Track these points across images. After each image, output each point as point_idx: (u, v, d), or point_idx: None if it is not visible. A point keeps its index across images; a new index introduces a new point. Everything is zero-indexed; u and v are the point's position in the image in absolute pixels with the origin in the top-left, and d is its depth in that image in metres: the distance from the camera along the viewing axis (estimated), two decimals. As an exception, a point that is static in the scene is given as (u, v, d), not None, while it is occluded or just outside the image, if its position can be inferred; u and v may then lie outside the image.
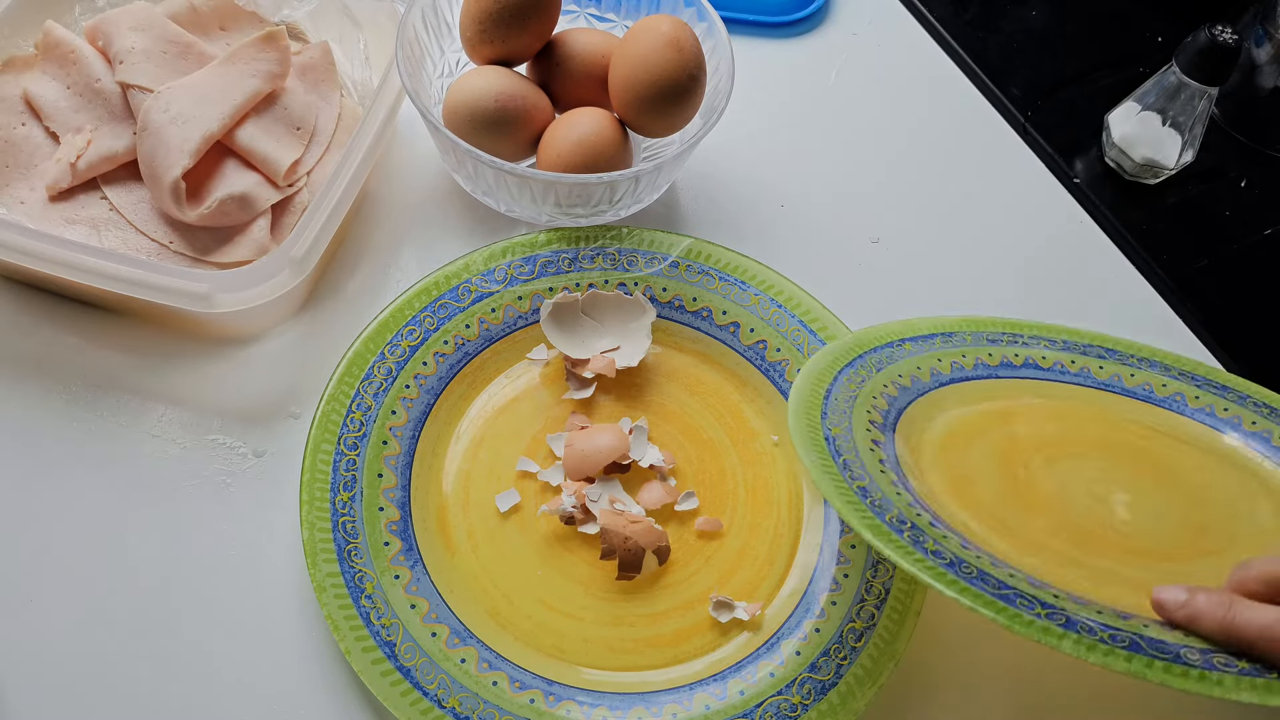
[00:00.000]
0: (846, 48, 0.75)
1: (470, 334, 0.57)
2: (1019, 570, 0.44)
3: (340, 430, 0.53)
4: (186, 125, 0.56)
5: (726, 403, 0.57)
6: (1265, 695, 0.39)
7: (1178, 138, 0.66)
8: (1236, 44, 0.61)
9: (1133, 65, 0.73)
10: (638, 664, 0.50)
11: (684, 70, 0.58)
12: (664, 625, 0.51)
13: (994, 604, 0.40)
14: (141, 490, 0.53)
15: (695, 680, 0.49)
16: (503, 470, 0.54)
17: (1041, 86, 0.74)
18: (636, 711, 0.48)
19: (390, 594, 0.49)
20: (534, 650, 0.50)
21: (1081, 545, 0.49)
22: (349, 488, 0.51)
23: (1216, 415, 0.58)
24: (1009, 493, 0.52)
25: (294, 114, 0.60)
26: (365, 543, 0.50)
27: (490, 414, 0.56)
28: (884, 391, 0.55)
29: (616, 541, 0.51)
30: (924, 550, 0.42)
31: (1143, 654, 0.39)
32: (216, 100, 0.58)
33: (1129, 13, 0.78)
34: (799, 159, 0.68)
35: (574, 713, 0.48)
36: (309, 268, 0.53)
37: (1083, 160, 0.70)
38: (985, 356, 0.59)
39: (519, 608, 0.51)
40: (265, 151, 0.58)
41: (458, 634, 0.49)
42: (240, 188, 0.57)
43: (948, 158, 0.70)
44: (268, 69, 0.60)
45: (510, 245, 0.59)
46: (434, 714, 0.47)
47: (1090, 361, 0.60)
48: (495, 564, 0.52)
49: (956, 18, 0.77)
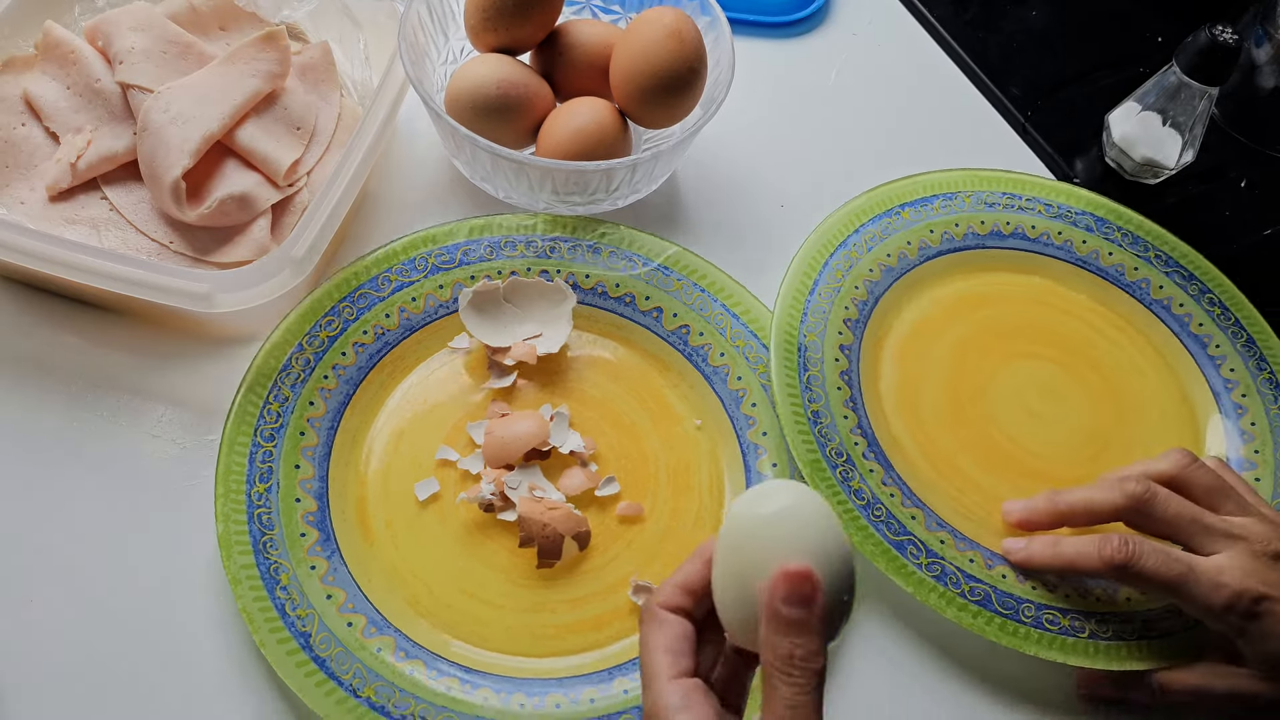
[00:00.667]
0: (847, 48, 0.75)
1: (390, 323, 0.57)
2: (924, 505, 0.53)
3: (257, 422, 0.53)
4: (186, 125, 0.56)
5: (649, 387, 0.57)
6: (1067, 655, 0.49)
7: (1178, 138, 0.66)
8: (1237, 44, 0.61)
9: (1133, 65, 0.73)
10: (560, 649, 0.50)
11: (685, 62, 0.58)
12: (585, 610, 0.51)
13: (887, 554, 0.51)
14: (142, 491, 0.53)
15: (614, 665, 0.50)
16: (423, 459, 0.54)
17: (1042, 86, 0.74)
18: (554, 698, 0.48)
19: (306, 584, 0.49)
20: (455, 638, 0.50)
21: (986, 466, 0.56)
22: (265, 479, 0.51)
23: (1171, 310, 0.62)
24: (946, 403, 0.58)
25: (294, 114, 0.60)
26: (281, 534, 0.50)
27: (411, 403, 0.56)
28: (867, 278, 0.60)
29: (535, 529, 0.51)
30: (848, 489, 0.52)
31: (989, 609, 0.50)
32: (216, 100, 0.58)
33: (1129, 13, 0.78)
34: (799, 159, 0.68)
35: (490, 700, 0.48)
36: (309, 268, 0.53)
37: (1083, 160, 0.70)
38: (977, 225, 0.63)
39: (439, 597, 0.51)
40: (265, 151, 0.58)
41: (375, 623, 0.49)
42: (240, 188, 0.57)
43: (948, 158, 0.70)
44: (267, 69, 0.60)
45: (430, 234, 0.59)
46: (349, 704, 0.47)
47: (1075, 234, 0.64)
48: (414, 553, 0.52)
49: (956, 18, 0.77)
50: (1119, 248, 0.63)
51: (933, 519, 0.52)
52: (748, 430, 0.55)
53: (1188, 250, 0.63)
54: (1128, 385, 0.60)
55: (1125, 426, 0.58)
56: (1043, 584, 0.51)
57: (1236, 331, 0.61)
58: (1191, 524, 0.48)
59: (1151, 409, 0.59)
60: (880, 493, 0.52)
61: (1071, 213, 0.64)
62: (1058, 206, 0.64)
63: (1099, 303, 0.62)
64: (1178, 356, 0.60)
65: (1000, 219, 0.64)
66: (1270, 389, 0.59)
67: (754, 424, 0.55)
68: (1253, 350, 0.60)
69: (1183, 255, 0.63)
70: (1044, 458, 0.57)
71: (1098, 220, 0.64)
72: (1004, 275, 0.63)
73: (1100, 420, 0.58)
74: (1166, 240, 0.64)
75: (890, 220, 0.62)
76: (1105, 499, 0.49)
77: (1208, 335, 0.61)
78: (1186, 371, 0.60)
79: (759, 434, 0.55)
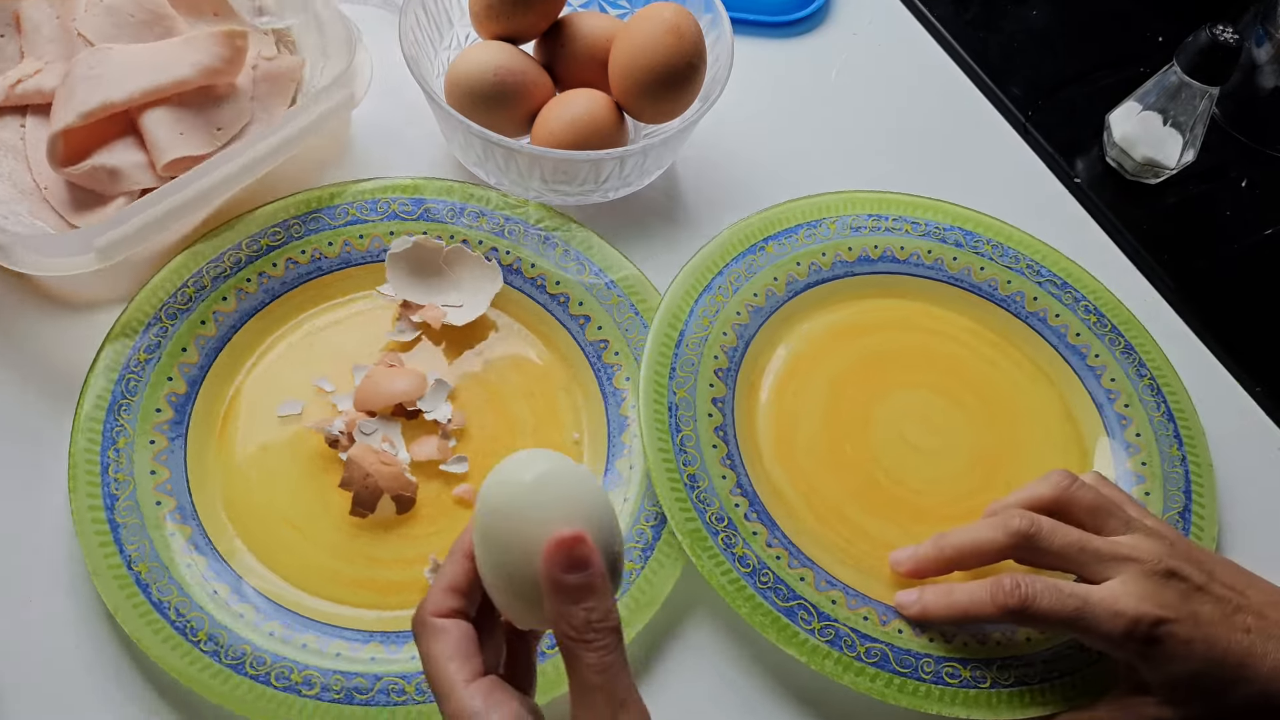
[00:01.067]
0: (847, 47, 0.75)
1: (331, 251, 0.58)
2: (812, 563, 0.51)
3: (169, 298, 0.55)
4: (95, 87, 0.57)
5: (547, 388, 0.57)
6: (970, 709, 0.47)
7: (1178, 137, 0.66)
8: (1237, 44, 0.61)
9: (1133, 65, 0.73)
10: (349, 600, 0.50)
11: (683, 57, 0.58)
12: (379, 572, 0.51)
13: (777, 622, 0.48)
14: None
15: (390, 630, 0.49)
16: (302, 383, 0.55)
17: (1042, 86, 0.73)
18: (336, 646, 0.48)
19: (138, 453, 0.51)
20: (250, 549, 0.51)
21: (873, 510, 0.54)
22: (150, 350, 0.54)
23: (1048, 322, 0.60)
24: (825, 447, 0.56)
25: (224, 116, 0.60)
26: (139, 403, 0.52)
27: (318, 330, 0.57)
28: (736, 322, 0.57)
29: (357, 475, 0.51)
30: (732, 557, 0.50)
31: (887, 669, 0.48)
32: (139, 75, 0.58)
33: (1130, 12, 0.78)
34: (799, 159, 0.68)
35: (248, 615, 0.48)
36: (115, 257, 0.53)
37: (1083, 160, 0.70)
38: (845, 251, 0.61)
39: (253, 509, 0.52)
40: (158, 138, 0.58)
41: (181, 510, 0.50)
42: (117, 162, 0.58)
43: (948, 158, 0.70)
44: (207, 63, 0.59)
45: (401, 183, 0.60)
46: (119, 572, 0.48)
47: (946, 251, 0.61)
48: (251, 460, 0.53)
49: (957, 17, 0.77)
50: (990, 261, 0.61)
51: (822, 576, 0.51)
52: (618, 457, 0.55)
53: (1059, 257, 0.62)
54: (1009, 405, 0.58)
55: (1010, 448, 0.56)
56: (940, 635, 0.49)
57: (1114, 338, 0.59)
58: (1080, 552, 0.46)
59: (1035, 428, 0.57)
60: (765, 556, 0.50)
61: (940, 229, 0.62)
62: (925, 224, 0.62)
63: (975, 321, 0.60)
64: (1058, 370, 0.59)
65: (868, 243, 0.61)
66: (1151, 395, 0.57)
67: (628, 452, 0.55)
68: (1131, 357, 0.58)
69: (1054, 263, 0.61)
70: (930, 494, 0.55)
71: (966, 234, 0.62)
72: (876, 301, 0.60)
73: (984, 445, 0.56)
74: (1038, 249, 0.62)
75: (754, 257, 0.59)
76: (990, 539, 0.48)
77: (1085, 345, 0.59)
78: (1068, 385, 0.58)
79: (627, 466, 0.54)
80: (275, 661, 0.47)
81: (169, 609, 0.47)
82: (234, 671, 0.46)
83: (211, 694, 0.46)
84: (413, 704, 0.46)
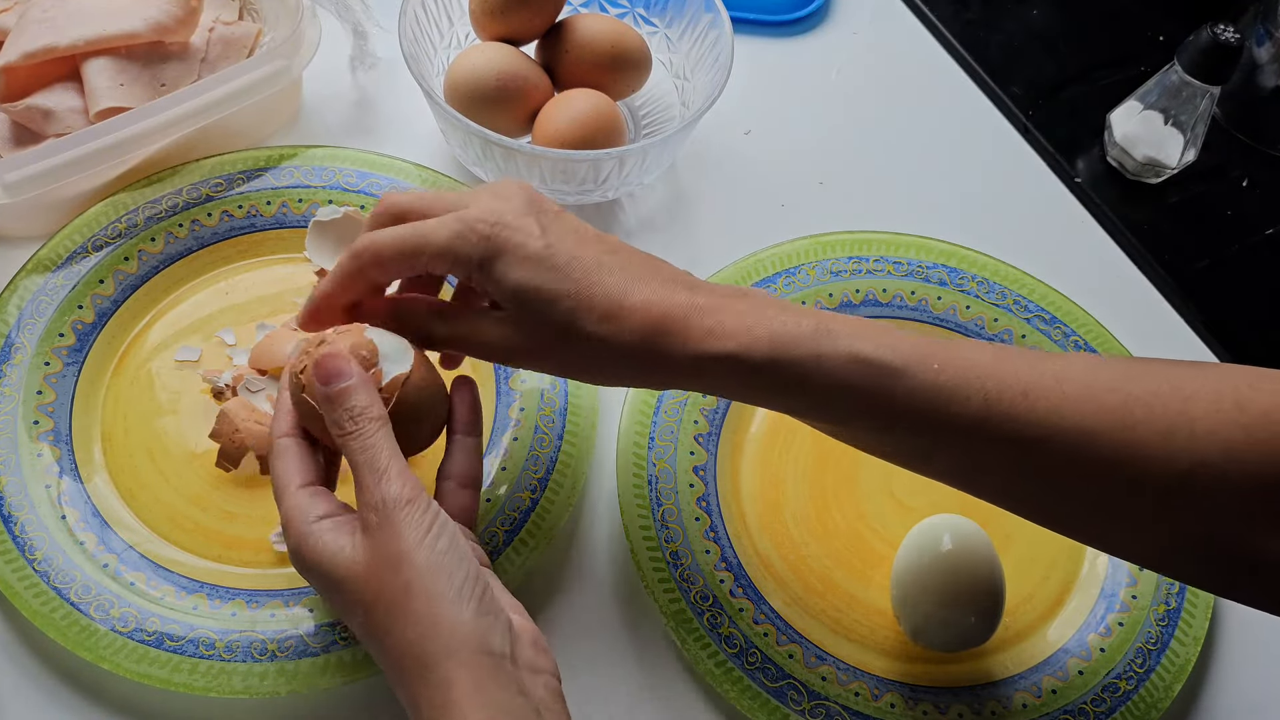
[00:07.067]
0: (847, 47, 0.75)
1: (269, 210, 0.59)
2: (801, 638, 0.50)
3: (100, 231, 0.56)
4: (42, 30, 0.58)
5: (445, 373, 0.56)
6: None
7: (1179, 137, 0.66)
8: (1238, 43, 0.61)
9: (1134, 64, 0.73)
10: (194, 549, 0.51)
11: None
12: (228, 526, 0.52)
13: (766, 705, 0.48)
14: None
15: (230, 587, 0.49)
16: (206, 332, 0.56)
17: (1043, 86, 0.73)
18: (236, 606, 0.49)
19: (32, 369, 0.52)
20: (112, 481, 0.52)
21: (862, 577, 0.53)
22: (42, 310, 0.54)
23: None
24: (813, 509, 0.54)
25: (169, 73, 0.61)
26: (42, 327, 0.53)
27: (238, 285, 0.58)
28: None
29: (227, 429, 0.51)
30: (718, 638, 0.49)
31: None
32: (88, 23, 0.59)
33: (1130, 12, 0.78)
34: (800, 158, 0.68)
35: (96, 550, 0.49)
36: (25, 194, 0.54)
37: (1084, 159, 0.70)
38: (825, 298, 0.59)
39: (129, 445, 0.53)
40: (95, 86, 0.59)
41: (56, 433, 0.51)
42: (53, 104, 0.59)
43: (949, 157, 0.70)
44: (158, 19, 0.60)
45: (362, 156, 0.61)
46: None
47: (930, 291, 0.60)
48: (137, 398, 0.54)
49: (958, 16, 0.77)
50: (975, 299, 0.60)
51: (811, 651, 0.50)
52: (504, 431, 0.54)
53: (1047, 291, 0.60)
54: None
55: None
56: (934, 706, 0.49)
57: None
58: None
59: None
60: (753, 634, 0.49)
61: (924, 268, 0.60)
62: (908, 263, 0.60)
63: None
64: None
65: (848, 287, 0.59)
66: None
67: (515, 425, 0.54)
68: None
69: (1041, 297, 0.60)
70: None
71: (951, 272, 0.60)
72: None
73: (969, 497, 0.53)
74: (1024, 283, 0.60)
75: None
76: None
77: None
78: None
79: (511, 439, 0.54)
80: (100, 593, 0.48)
81: (14, 524, 0.49)
82: (59, 596, 0.47)
83: (28, 611, 0.47)
84: (218, 660, 0.47)
